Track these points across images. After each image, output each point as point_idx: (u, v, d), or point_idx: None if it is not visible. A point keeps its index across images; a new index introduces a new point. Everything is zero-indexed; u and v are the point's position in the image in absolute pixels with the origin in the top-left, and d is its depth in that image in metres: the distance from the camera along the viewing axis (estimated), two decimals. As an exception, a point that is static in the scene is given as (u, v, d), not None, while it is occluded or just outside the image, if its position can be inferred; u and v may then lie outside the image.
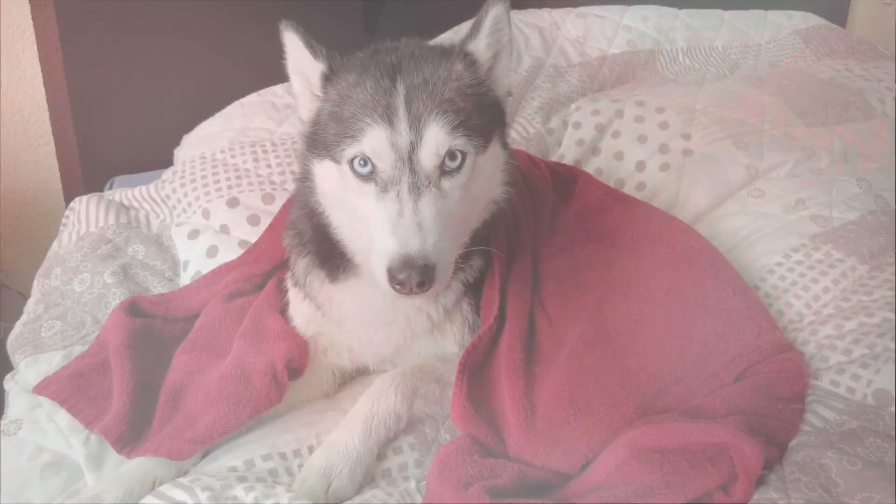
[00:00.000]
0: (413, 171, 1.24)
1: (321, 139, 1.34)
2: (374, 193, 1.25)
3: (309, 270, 1.51)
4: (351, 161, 1.27)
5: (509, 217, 1.52)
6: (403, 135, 1.23)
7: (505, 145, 1.41)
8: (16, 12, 2.49)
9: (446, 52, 1.35)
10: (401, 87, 1.26)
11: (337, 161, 1.29)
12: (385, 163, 1.24)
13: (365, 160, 1.25)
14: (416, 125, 1.24)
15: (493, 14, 1.35)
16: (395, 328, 1.48)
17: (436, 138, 1.24)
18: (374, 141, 1.24)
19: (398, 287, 1.19)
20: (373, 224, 1.25)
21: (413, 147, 1.24)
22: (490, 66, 1.39)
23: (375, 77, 1.28)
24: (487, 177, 1.36)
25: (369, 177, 1.26)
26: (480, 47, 1.36)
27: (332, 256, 1.44)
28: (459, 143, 1.26)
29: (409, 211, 1.21)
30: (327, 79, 1.35)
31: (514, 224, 1.55)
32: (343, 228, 1.39)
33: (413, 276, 1.17)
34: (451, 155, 1.26)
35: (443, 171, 1.26)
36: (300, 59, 1.37)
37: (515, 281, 1.48)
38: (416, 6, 3.42)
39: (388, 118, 1.24)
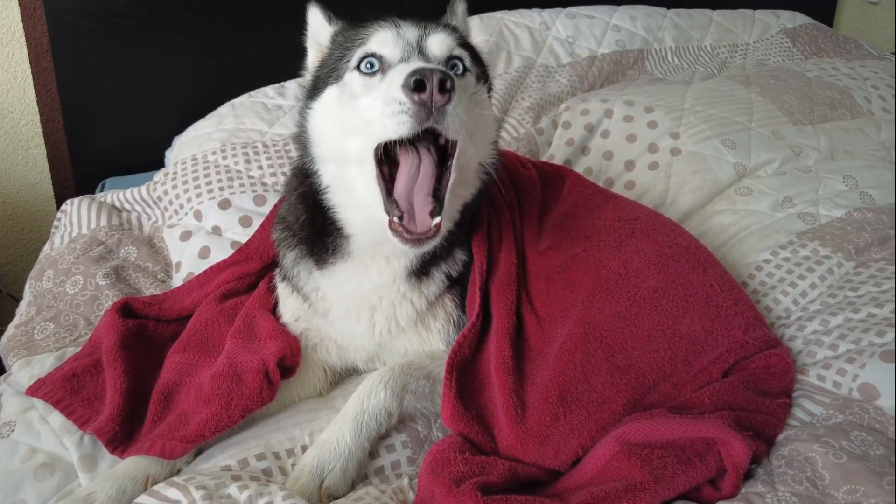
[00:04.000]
0: (423, 55, 1.29)
1: (323, 77, 1.41)
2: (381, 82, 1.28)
3: (297, 262, 1.52)
4: (358, 66, 1.31)
5: (493, 214, 1.54)
6: (411, 31, 1.32)
7: (490, 104, 1.50)
8: (6, 14, 2.48)
9: (439, 21, 1.47)
10: (407, 19, 1.35)
11: (340, 78, 1.34)
12: (393, 49, 1.29)
13: (372, 62, 1.29)
14: (423, 28, 1.33)
15: (461, 7, 1.53)
16: (380, 316, 1.49)
17: (443, 37, 1.33)
18: (381, 35, 1.31)
19: (418, 97, 1.12)
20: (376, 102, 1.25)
21: (421, 39, 1.31)
22: None
23: (381, 19, 1.37)
24: (484, 119, 1.41)
25: (376, 72, 1.30)
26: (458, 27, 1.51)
27: (323, 235, 1.46)
28: (464, 53, 1.34)
29: (420, 61, 1.26)
30: (336, 34, 1.47)
31: (497, 222, 1.56)
32: (336, 188, 1.40)
33: (436, 73, 1.12)
34: (453, 64, 1.32)
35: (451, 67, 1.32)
36: (317, 29, 1.49)
37: (500, 279, 1.49)
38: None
39: (396, 23, 1.33)
